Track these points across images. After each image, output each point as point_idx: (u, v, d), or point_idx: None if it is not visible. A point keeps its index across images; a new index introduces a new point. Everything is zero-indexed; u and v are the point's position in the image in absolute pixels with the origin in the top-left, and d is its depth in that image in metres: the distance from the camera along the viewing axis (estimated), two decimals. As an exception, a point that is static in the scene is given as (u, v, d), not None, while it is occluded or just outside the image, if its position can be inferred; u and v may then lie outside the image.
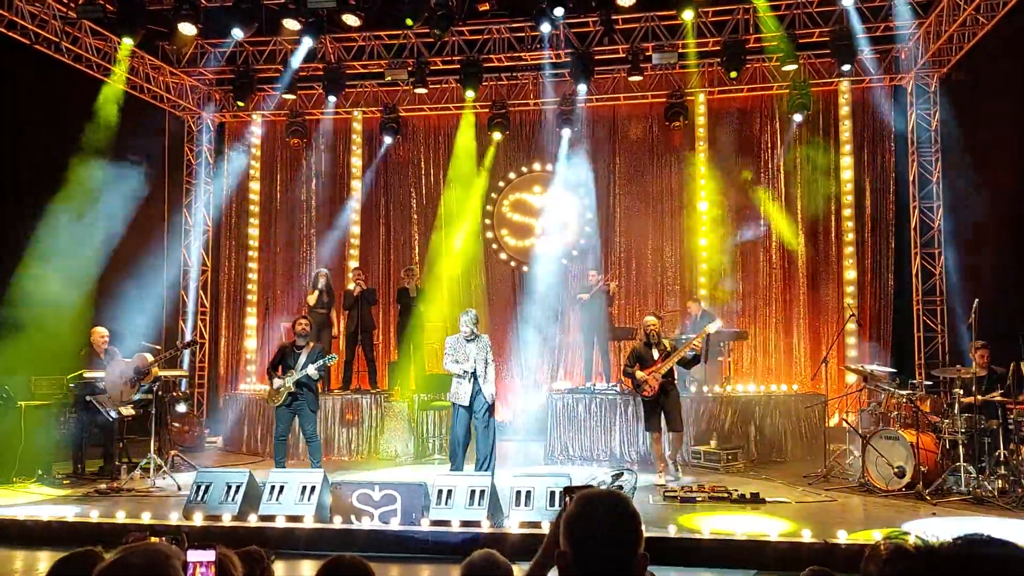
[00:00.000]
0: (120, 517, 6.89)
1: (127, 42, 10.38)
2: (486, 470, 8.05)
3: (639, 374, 8.80)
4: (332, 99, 12.74)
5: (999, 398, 7.94)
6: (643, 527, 1.83)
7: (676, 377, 9.04)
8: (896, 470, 7.90)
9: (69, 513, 7.03)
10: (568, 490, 2.13)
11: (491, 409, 8.42)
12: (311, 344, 8.73)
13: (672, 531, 6.30)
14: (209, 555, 2.00)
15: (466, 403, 8.28)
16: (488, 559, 2.61)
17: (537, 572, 2.16)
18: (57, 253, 10.49)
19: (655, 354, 8.85)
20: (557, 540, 1.83)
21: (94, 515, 6.94)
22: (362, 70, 12.82)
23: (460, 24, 11.41)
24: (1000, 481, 7.66)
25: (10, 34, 10.24)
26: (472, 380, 8.28)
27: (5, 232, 10.59)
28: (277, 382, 8.54)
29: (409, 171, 13.95)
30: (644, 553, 1.77)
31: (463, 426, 8.39)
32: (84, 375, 9.34)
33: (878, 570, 1.15)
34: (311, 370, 8.42)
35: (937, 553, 1.14)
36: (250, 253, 13.99)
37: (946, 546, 1.14)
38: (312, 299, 11.37)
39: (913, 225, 12.11)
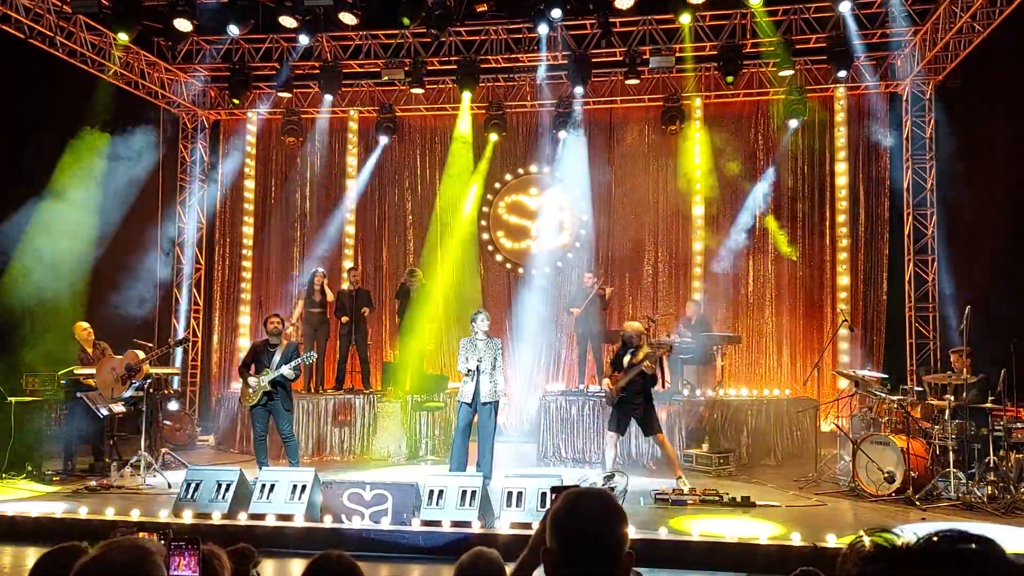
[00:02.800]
0: (109, 514, 6.87)
1: (122, 37, 10.33)
2: (484, 469, 8.09)
3: (605, 380, 8.78)
4: (328, 98, 12.71)
5: (989, 405, 7.95)
6: (629, 526, 1.83)
7: (644, 385, 8.34)
8: (886, 475, 7.92)
9: (58, 510, 7.01)
10: (555, 489, 2.13)
11: (495, 408, 8.48)
12: (285, 342, 8.61)
13: (663, 533, 6.31)
14: (193, 551, 2.00)
15: (468, 400, 8.37)
16: (482, 556, 2.63)
17: (523, 570, 2.16)
18: (49, 249, 10.44)
19: (626, 361, 8.45)
20: (543, 538, 1.82)
21: (83, 512, 6.93)
22: (359, 69, 12.80)
23: (457, 24, 11.40)
24: (989, 487, 7.68)
25: (4, 28, 10.18)
26: (476, 378, 8.32)
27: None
28: (252, 381, 8.37)
29: (405, 171, 13.92)
30: (630, 551, 1.77)
31: (463, 422, 8.44)
32: (75, 371, 9.30)
33: (857, 570, 1.15)
34: (286, 370, 8.25)
35: (914, 551, 1.13)
36: (244, 251, 13.95)
37: (923, 543, 1.14)
38: (306, 300, 11.34)
39: (907, 232, 12.14)
